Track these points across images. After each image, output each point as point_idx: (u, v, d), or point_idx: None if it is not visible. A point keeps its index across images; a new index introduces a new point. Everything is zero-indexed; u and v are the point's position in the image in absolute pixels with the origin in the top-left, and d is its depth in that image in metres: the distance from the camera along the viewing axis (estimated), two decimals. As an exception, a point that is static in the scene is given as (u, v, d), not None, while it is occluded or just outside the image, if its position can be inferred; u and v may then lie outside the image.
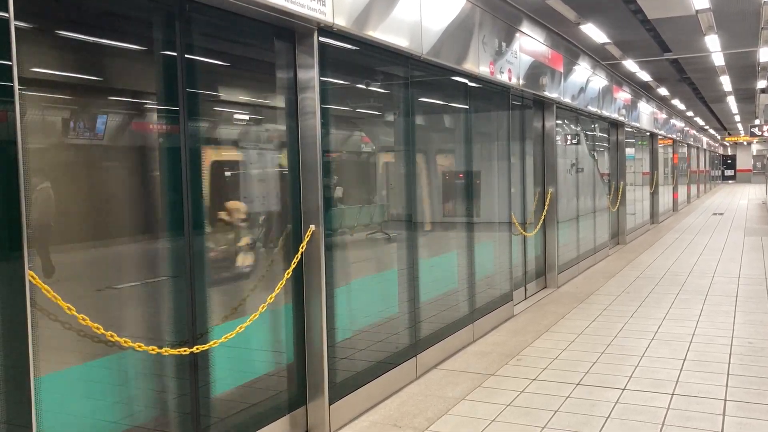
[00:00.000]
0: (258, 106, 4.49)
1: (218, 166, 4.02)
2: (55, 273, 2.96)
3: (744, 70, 16.22)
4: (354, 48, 4.74)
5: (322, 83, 4.28)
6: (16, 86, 2.53)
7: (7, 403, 2.52)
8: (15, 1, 2.54)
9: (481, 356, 5.95)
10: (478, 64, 6.49)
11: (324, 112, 4.33)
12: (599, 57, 12.05)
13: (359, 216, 5.19)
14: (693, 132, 30.21)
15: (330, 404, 4.34)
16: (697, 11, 9.70)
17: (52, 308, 2.83)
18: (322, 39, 4.27)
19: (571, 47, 10.06)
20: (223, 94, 4.19)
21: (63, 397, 3.02)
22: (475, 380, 5.29)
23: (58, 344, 2.99)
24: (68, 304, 2.80)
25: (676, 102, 23.04)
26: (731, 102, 24.36)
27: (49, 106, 3.11)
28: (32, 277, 2.61)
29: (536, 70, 8.30)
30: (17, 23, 2.57)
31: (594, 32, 10.88)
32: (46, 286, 2.69)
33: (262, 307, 3.90)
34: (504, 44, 7.17)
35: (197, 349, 3.49)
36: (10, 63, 2.52)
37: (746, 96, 22.48)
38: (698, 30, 11.00)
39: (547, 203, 9.21)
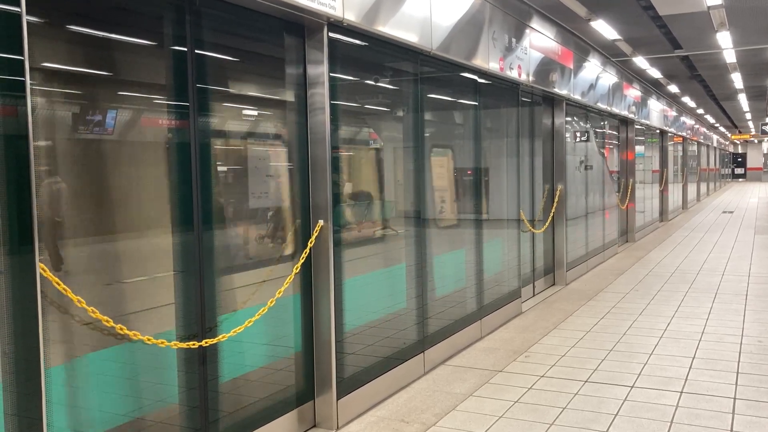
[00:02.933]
0: (267, 101, 4.49)
1: (228, 161, 4.03)
2: (63, 265, 2.98)
3: (756, 67, 16.13)
4: (363, 43, 4.74)
5: (331, 79, 4.28)
6: (28, 81, 2.55)
7: (18, 395, 2.54)
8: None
9: (489, 352, 5.95)
10: (488, 60, 6.47)
11: (333, 108, 4.33)
12: (609, 53, 11.99)
13: (367, 212, 5.19)
14: (703, 129, 30.04)
15: (338, 399, 4.35)
16: (708, 7, 9.64)
17: (63, 300, 2.85)
18: (331, 34, 4.27)
19: (582, 43, 10.02)
20: (233, 89, 4.20)
21: (72, 389, 3.04)
22: (482, 376, 5.29)
23: (66, 336, 3.01)
24: (78, 297, 2.81)
25: (686, 99, 22.94)
26: (742, 99, 24.23)
27: (59, 101, 3.13)
28: (43, 269, 2.63)
29: (546, 67, 8.27)
30: (29, 18, 2.59)
31: (604, 28, 10.83)
32: (56, 278, 2.71)
33: (271, 302, 3.91)
34: (514, 40, 7.14)
35: (206, 342, 3.50)
36: (21, 58, 2.53)
37: (758, 93, 22.34)
38: (710, 26, 10.94)
39: (556, 200, 9.19)
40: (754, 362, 5.50)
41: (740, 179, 55.33)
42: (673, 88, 19.46)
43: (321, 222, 4.28)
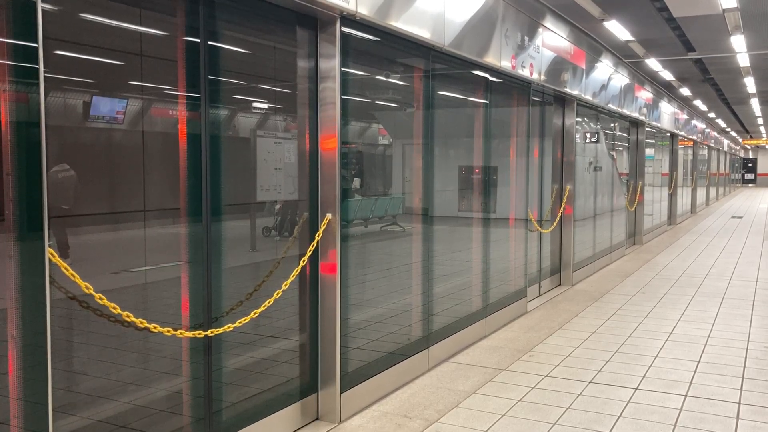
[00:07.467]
0: (278, 94, 4.49)
1: (237, 153, 4.04)
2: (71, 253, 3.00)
3: (769, 71, 16.00)
4: (376, 38, 4.73)
5: (342, 73, 4.28)
6: (41, 69, 2.56)
7: (24, 380, 2.56)
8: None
9: (494, 351, 5.95)
10: (500, 58, 6.45)
11: (344, 103, 4.33)
12: (622, 54, 11.93)
13: (375, 207, 5.19)
14: (714, 133, 29.87)
15: (341, 393, 4.36)
16: (723, 10, 9.58)
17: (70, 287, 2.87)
18: (344, 28, 4.26)
19: (594, 44, 9.97)
20: (244, 82, 4.20)
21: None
22: (486, 374, 5.29)
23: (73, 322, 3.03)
24: (86, 283, 2.82)
25: (698, 103, 22.81)
26: (755, 104, 24.08)
27: (69, 90, 3.14)
28: (51, 254, 2.64)
29: (558, 66, 8.24)
30: (44, 6, 2.59)
31: (618, 29, 10.79)
32: (64, 263, 2.72)
33: (277, 293, 3.92)
34: (527, 38, 7.12)
35: (212, 332, 3.51)
36: (36, 45, 2.54)
37: (770, 98, 22.17)
38: (724, 29, 10.87)
39: (564, 200, 9.16)
40: (760, 368, 5.48)
41: (750, 185, 54.99)
42: (685, 91, 19.37)
43: (329, 215, 4.28)
